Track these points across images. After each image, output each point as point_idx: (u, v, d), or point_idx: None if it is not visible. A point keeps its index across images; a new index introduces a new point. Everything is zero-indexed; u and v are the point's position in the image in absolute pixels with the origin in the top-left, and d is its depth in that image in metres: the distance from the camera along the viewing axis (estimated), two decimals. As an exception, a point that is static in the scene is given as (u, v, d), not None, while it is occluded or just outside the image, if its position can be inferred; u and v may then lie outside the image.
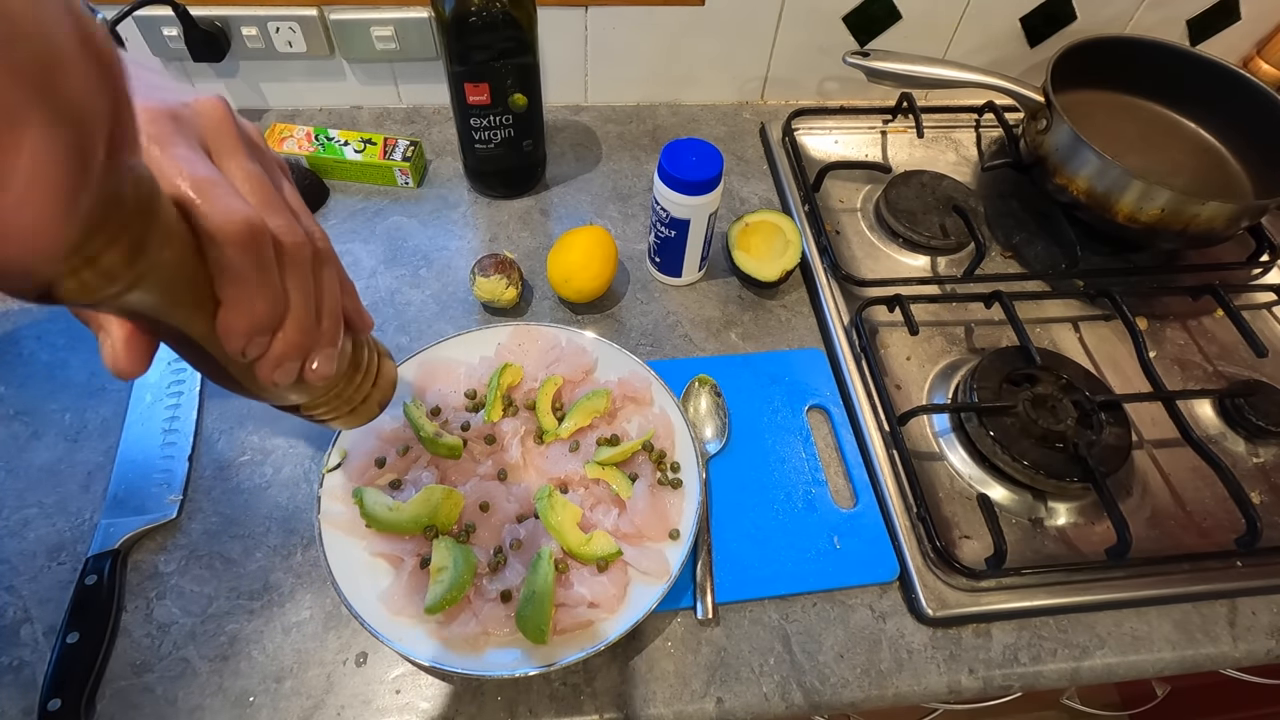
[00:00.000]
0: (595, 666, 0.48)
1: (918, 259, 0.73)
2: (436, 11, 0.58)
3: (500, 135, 0.67)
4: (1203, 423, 0.64)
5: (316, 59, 0.75)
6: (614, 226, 0.73)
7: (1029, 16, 0.81)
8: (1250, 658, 0.53)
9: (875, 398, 0.61)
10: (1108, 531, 0.54)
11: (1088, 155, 0.66)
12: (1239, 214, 0.65)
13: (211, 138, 0.26)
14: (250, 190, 0.25)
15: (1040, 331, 0.68)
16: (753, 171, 0.80)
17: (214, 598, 0.49)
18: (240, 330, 0.24)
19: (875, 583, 0.53)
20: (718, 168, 0.59)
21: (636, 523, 0.50)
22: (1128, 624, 0.53)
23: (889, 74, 0.73)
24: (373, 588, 0.47)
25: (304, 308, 0.27)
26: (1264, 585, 0.54)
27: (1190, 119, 0.78)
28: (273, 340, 0.26)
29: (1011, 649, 0.51)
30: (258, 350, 0.26)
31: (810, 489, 0.57)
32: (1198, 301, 0.70)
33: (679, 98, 0.86)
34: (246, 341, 0.25)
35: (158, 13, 0.67)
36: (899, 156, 0.81)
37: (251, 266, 0.24)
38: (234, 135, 0.26)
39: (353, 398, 0.35)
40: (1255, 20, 0.84)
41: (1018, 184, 0.78)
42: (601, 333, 0.61)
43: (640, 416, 0.56)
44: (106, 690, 0.45)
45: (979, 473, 0.58)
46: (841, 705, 0.49)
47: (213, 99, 0.26)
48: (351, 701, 0.46)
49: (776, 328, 0.67)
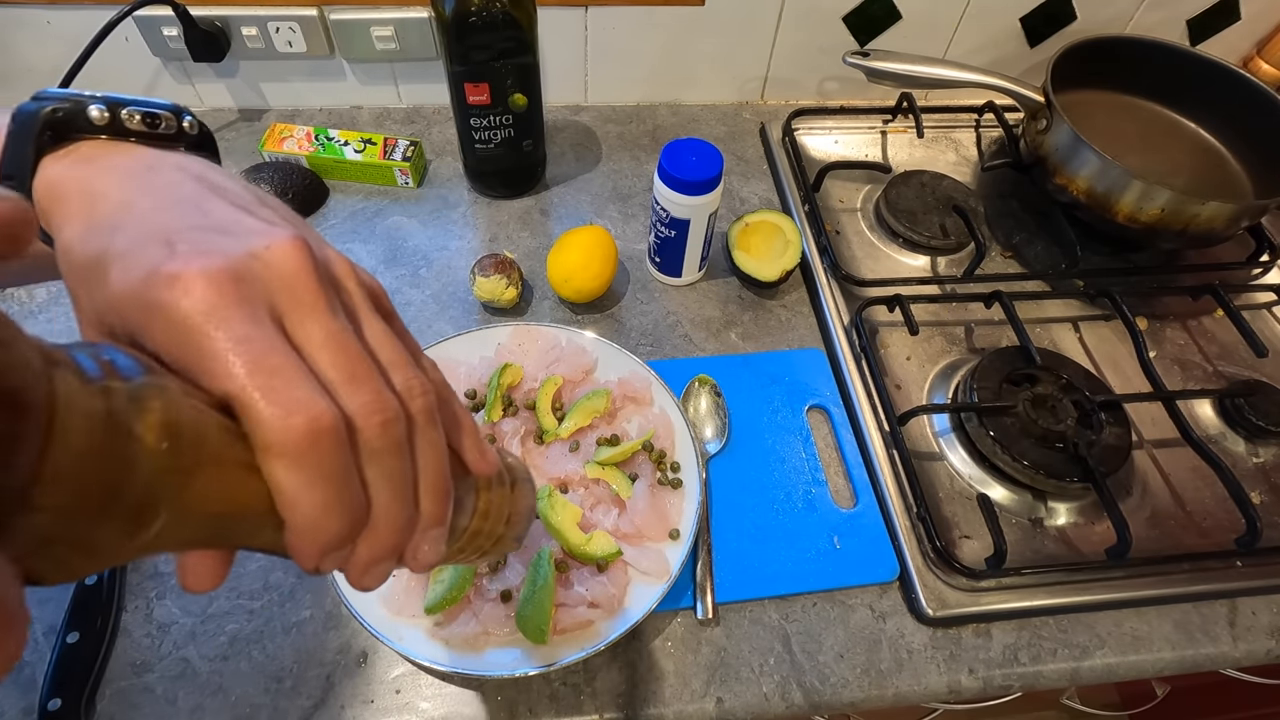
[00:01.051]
0: (595, 666, 0.48)
1: (918, 259, 0.73)
2: (436, 11, 0.58)
3: (500, 135, 0.67)
4: (1203, 423, 0.64)
5: (316, 59, 0.75)
6: (614, 226, 0.73)
7: (1029, 16, 0.81)
8: (1250, 658, 0.53)
9: (875, 398, 0.61)
10: (1108, 531, 0.54)
11: (1088, 155, 0.66)
12: (1239, 214, 0.65)
13: (284, 297, 0.21)
14: (330, 362, 0.20)
15: (1040, 331, 0.68)
16: (753, 171, 0.80)
17: (214, 598, 0.49)
18: (310, 555, 0.20)
19: (875, 583, 0.53)
20: (718, 168, 0.59)
21: (636, 523, 0.50)
22: (1128, 624, 0.53)
23: (889, 74, 0.73)
24: (373, 588, 0.47)
25: (395, 503, 0.21)
26: (1264, 585, 0.54)
27: (1190, 119, 0.78)
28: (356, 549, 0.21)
29: (1011, 649, 0.51)
30: (335, 566, 0.21)
31: (810, 489, 0.57)
32: (1198, 301, 0.70)
33: (679, 98, 0.86)
34: (318, 563, 0.20)
35: (158, 13, 0.67)
36: (899, 156, 0.81)
37: (318, 479, 0.19)
38: (313, 289, 0.21)
39: (482, 546, 0.28)
40: (1255, 20, 0.84)
41: (1018, 184, 0.78)
42: (601, 333, 0.61)
43: (640, 416, 0.56)
44: (106, 690, 0.46)
45: (979, 473, 0.58)
46: (841, 705, 0.49)
47: (288, 242, 0.21)
48: (351, 701, 0.46)
49: (776, 328, 0.67)
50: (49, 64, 0.68)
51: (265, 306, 0.20)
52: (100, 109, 0.25)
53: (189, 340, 0.18)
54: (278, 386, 0.19)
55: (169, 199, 0.23)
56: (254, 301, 0.20)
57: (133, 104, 0.26)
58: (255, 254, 0.20)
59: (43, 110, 0.24)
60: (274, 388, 0.19)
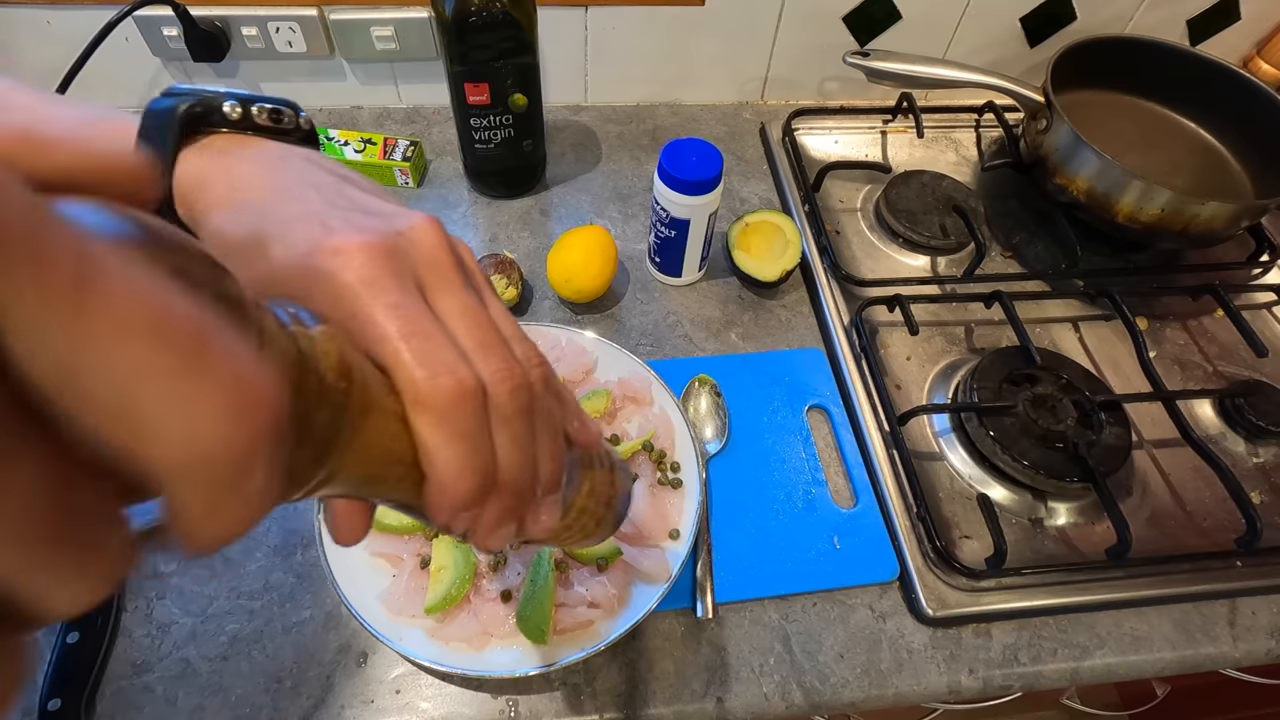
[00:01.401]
0: (595, 666, 0.48)
1: (918, 259, 0.73)
2: (436, 11, 0.58)
3: (500, 135, 0.67)
4: (1203, 423, 0.64)
5: (316, 59, 0.75)
6: (614, 226, 0.73)
7: (1029, 16, 0.81)
8: (1250, 658, 0.53)
9: (875, 398, 0.61)
10: (1108, 531, 0.54)
11: (1088, 155, 0.66)
12: (1239, 214, 0.65)
13: (426, 270, 0.23)
14: (465, 331, 0.22)
15: (1040, 331, 0.68)
16: (753, 171, 0.80)
17: (214, 598, 0.49)
18: (447, 508, 0.22)
19: (875, 583, 0.53)
20: (718, 168, 0.59)
21: (636, 523, 0.50)
22: (1128, 624, 0.53)
23: (889, 74, 0.73)
24: (373, 588, 0.47)
25: (520, 466, 0.23)
26: (1264, 585, 0.54)
27: (1190, 119, 0.78)
28: (484, 509, 0.23)
29: (1011, 649, 0.51)
30: (465, 525, 0.23)
31: (810, 489, 0.57)
32: (1198, 301, 0.70)
33: (679, 98, 0.86)
34: (452, 518, 0.22)
35: (158, 12, 0.67)
36: (899, 156, 0.81)
37: (457, 437, 0.21)
38: (450, 264, 0.23)
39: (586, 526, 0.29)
40: (1255, 20, 0.84)
41: (1018, 184, 0.78)
42: (601, 333, 0.61)
43: (640, 416, 0.56)
44: (106, 690, 0.46)
45: (979, 473, 0.58)
46: (841, 705, 0.49)
47: (427, 222, 0.23)
48: (351, 701, 0.46)
49: (776, 328, 0.67)
50: (49, 64, 0.68)
51: (412, 279, 0.22)
52: (233, 104, 0.26)
53: (350, 305, 0.21)
54: (428, 350, 0.21)
55: (308, 184, 0.25)
56: (403, 274, 0.22)
57: (260, 100, 0.27)
58: (401, 233, 0.23)
59: (180, 106, 0.25)
60: (424, 350, 0.20)
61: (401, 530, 0.48)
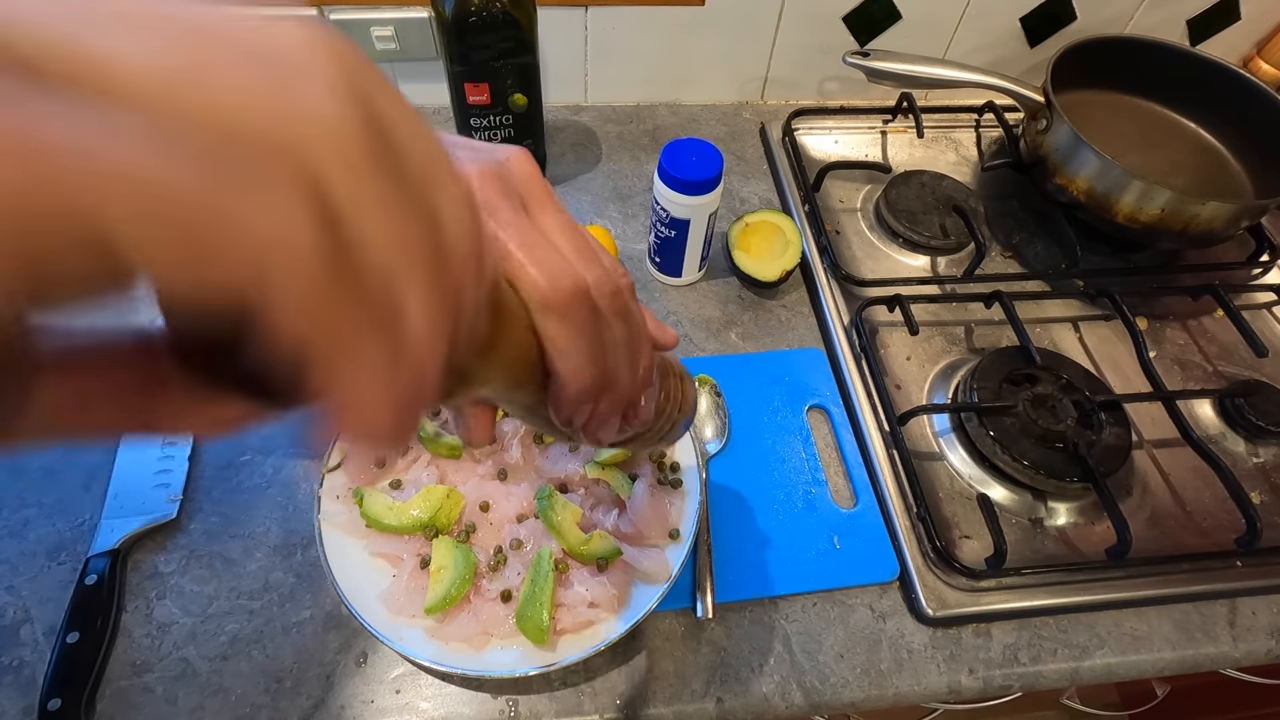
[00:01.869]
0: (595, 666, 0.48)
1: (918, 259, 0.73)
2: (436, 11, 0.58)
3: (500, 135, 0.67)
4: (1203, 423, 0.64)
5: (316, 59, 0.75)
6: (614, 226, 0.73)
7: (1029, 16, 0.81)
8: (1250, 658, 0.53)
9: (875, 398, 0.61)
10: (1108, 531, 0.54)
11: (1088, 155, 0.66)
12: (1239, 214, 0.65)
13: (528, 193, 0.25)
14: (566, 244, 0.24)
15: (1040, 331, 0.68)
16: (753, 171, 0.80)
17: (214, 598, 0.49)
18: (573, 399, 0.24)
19: (875, 583, 0.53)
20: (718, 168, 0.59)
21: (636, 523, 0.50)
22: (1128, 624, 0.53)
23: (889, 74, 0.73)
24: (373, 588, 0.47)
25: (625, 362, 0.25)
26: (1264, 585, 0.54)
27: (1190, 119, 0.78)
28: (599, 401, 0.25)
29: (1011, 649, 0.51)
30: (585, 418, 0.25)
31: (810, 489, 0.57)
32: (1198, 301, 0.70)
33: (679, 98, 0.86)
34: (576, 410, 0.24)
35: (158, 13, 0.67)
36: (899, 156, 0.81)
37: (579, 334, 0.23)
38: (546, 188, 0.25)
39: (662, 429, 0.32)
40: (1255, 20, 0.84)
41: (1018, 184, 0.78)
42: (601, 333, 0.61)
43: (640, 416, 0.56)
44: (106, 690, 0.46)
45: (979, 473, 0.58)
46: (841, 705, 0.49)
47: (521, 151, 0.26)
48: (351, 701, 0.46)
49: (776, 328, 0.67)
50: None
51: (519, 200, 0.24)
52: None
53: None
54: (545, 259, 0.22)
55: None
56: (512, 196, 0.24)
57: None
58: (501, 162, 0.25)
59: None
60: (543, 259, 0.22)
61: (401, 530, 0.48)
